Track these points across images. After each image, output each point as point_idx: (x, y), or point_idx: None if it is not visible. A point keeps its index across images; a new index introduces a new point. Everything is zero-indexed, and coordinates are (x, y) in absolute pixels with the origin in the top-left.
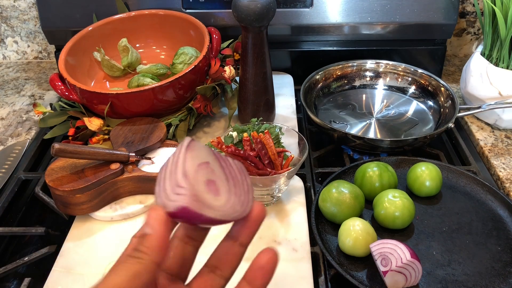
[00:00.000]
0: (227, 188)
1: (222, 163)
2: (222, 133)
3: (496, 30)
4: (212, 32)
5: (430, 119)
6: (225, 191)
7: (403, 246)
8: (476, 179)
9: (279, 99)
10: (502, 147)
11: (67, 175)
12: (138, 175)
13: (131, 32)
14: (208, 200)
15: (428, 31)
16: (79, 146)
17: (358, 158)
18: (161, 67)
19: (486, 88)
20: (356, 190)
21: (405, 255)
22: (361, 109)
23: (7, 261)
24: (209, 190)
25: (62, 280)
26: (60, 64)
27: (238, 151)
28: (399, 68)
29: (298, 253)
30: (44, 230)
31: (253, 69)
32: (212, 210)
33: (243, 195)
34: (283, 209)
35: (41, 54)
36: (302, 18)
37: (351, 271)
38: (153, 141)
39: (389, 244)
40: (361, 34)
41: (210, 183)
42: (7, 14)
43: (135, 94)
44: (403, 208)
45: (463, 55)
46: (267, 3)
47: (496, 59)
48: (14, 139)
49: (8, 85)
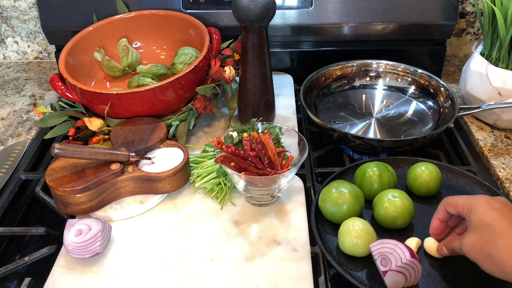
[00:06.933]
0: None
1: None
2: (222, 133)
3: (496, 30)
4: (212, 32)
5: (430, 119)
6: None
7: (403, 246)
8: (476, 179)
9: (279, 99)
10: (502, 147)
11: (67, 175)
12: (138, 175)
13: (131, 32)
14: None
15: (428, 31)
16: (79, 146)
17: (358, 158)
18: (161, 67)
19: (486, 88)
20: (356, 190)
21: (405, 255)
22: (361, 109)
23: (7, 261)
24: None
25: (62, 280)
26: (61, 64)
27: (238, 151)
28: (399, 68)
29: (298, 253)
30: (44, 230)
31: (253, 69)
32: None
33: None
34: (283, 209)
35: (41, 54)
36: (302, 18)
37: (351, 271)
38: (153, 141)
39: (389, 244)
40: (361, 34)
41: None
42: (8, 14)
43: (135, 94)
44: (403, 208)
45: (462, 55)
46: (267, 3)
47: (496, 59)
48: (15, 139)
49: (8, 85)
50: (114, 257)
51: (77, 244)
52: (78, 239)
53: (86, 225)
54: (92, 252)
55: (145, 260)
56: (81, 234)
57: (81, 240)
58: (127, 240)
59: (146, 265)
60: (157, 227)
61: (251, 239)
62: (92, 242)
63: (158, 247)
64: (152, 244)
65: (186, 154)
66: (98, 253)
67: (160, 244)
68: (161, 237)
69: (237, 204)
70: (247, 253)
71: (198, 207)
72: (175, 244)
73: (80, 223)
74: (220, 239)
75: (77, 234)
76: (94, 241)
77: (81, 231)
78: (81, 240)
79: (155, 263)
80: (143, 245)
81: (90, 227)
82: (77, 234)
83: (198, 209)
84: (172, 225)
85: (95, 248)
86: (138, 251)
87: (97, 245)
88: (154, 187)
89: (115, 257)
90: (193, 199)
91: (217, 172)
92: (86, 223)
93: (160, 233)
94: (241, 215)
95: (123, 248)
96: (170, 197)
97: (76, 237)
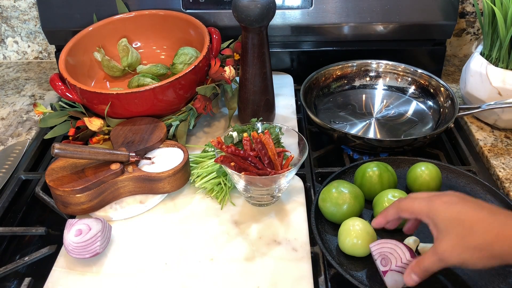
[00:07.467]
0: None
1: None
2: (222, 133)
3: (496, 30)
4: (212, 32)
5: (430, 119)
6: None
7: (403, 246)
8: (476, 179)
9: (279, 99)
10: (502, 147)
11: (67, 175)
12: (138, 175)
13: (131, 32)
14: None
15: (428, 31)
16: (79, 146)
17: (358, 158)
18: (161, 67)
19: (486, 88)
20: (356, 190)
21: (405, 254)
22: (361, 109)
23: (7, 261)
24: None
25: (62, 280)
26: (61, 64)
27: (238, 151)
28: (399, 68)
29: (298, 253)
30: (44, 230)
31: (253, 69)
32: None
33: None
34: (283, 209)
35: (41, 54)
36: (302, 18)
37: (351, 271)
38: (153, 141)
39: (389, 244)
40: (361, 34)
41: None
42: (8, 14)
43: (135, 94)
44: None
45: (462, 55)
46: (267, 3)
47: (496, 59)
48: (15, 139)
49: (8, 85)
50: (114, 257)
51: (77, 244)
52: (78, 239)
53: (86, 225)
54: (92, 252)
55: (145, 260)
56: (81, 234)
57: (81, 240)
58: (127, 240)
59: (146, 265)
60: (157, 227)
61: (251, 239)
62: (92, 242)
63: (158, 247)
64: (152, 244)
65: (186, 154)
66: (98, 253)
67: (160, 244)
68: (161, 237)
69: (237, 204)
70: (247, 253)
71: (198, 207)
72: (175, 244)
73: (80, 223)
74: (220, 239)
75: (77, 234)
76: (94, 241)
77: (81, 231)
78: (81, 240)
79: (155, 263)
80: (143, 245)
81: (90, 227)
82: (77, 234)
83: (198, 209)
84: (172, 225)
85: (95, 248)
86: (138, 251)
87: (97, 245)
88: (154, 187)
89: (115, 257)
90: (193, 199)
91: (217, 172)
92: (86, 223)
93: (160, 233)
94: (241, 215)
95: (123, 248)
96: (170, 197)
97: (76, 237)
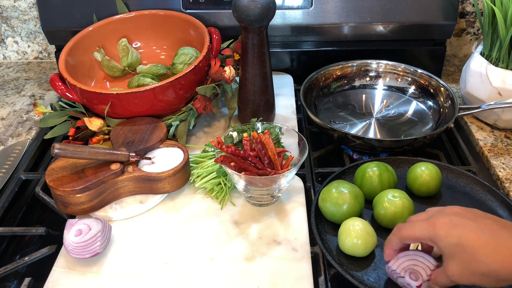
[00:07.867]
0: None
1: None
2: (222, 133)
3: (496, 30)
4: (212, 32)
5: (430, 119)
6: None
7: (421, 253)
8: (476, 179)
9: (279, 99)
10: (502, 147)
11: (67, 175)
12: (138, 175)
13: (131, 32)
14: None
15: (428, 31)
16: (79, 146)
17: (358, 158)
18: (161, 67)
19: (486, 88)
20: (356, 190)
21: (429, 260)
22: (361, 109)
23: (7, 261)
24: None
25: (62, 280)
26: (61, 64)
27: (238, 151)
28: (399, 68)
29: (298, 253)
30: (44, 230)
31: (253, 69)
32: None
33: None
34: (283, 209)
35: (41, 54)
36: (302, 18)
37: (351, 271)
38: (153, 141)
39: (408, 257)
40: (361, 34)
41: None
42: (8, 14)
43: (135, 94)
44: (403, 208)
45: (462, 55)
46: (267, 3)
47: (496, 59)
48: (15, 139)
49: (8, 85)
50: (114, 257)
51: (77, 244)
52: (78, 239)
53: (86, 225)
54: (92, 252)
55: (145, 260)
56: (81, 234)
57: (81, 240)
58: (127, 240)
59: (146, 265)
60: (157, 227)
61: (251, 239)
62: (92, 242)
63: (158, 247)
64: (152, 244)
65: (186, 154)
66: (98, 253)
67: (160, 244)
68: (161, 237)
69: (237, 204)
70: (247, 253)
71: (198, 207)
72: (175, 244)
73: (80, 223)
74: (220, 239)
75: (77, 234)
76: (94, 241)
77: (81, 231)
78: (81, 240)
79: (155, 263)
80: (143, 245)
81: (90, 227)
82: (77, 234)
83: (198, 209)
84: (172, 225)
85: (95, 248)
86: (138, 251)
87: (97, 245)
88: (154, 187)
89: (115, 257)
90: (193, 199)
91: (217, 172)
92: (86, 223)
93: (160, 233)
94: (241, 215)
95: (123, 248)
96: (170, 197)
97: (76, 237)
